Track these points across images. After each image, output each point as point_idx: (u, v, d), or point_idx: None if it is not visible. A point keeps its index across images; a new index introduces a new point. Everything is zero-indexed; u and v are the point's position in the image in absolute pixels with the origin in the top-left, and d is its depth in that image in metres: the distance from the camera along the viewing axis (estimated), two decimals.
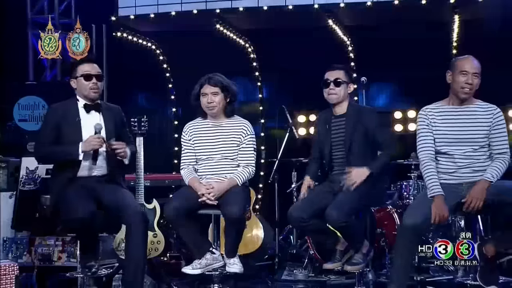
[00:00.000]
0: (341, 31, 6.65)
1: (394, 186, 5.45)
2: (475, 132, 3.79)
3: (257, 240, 5.31)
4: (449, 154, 3.82)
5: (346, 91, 4.16)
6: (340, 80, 4.12)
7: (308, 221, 3.97)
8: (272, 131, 6.88)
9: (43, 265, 4.81)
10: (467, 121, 3.81)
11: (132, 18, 6.45)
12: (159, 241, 4.95)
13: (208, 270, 4.07)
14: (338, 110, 4.19)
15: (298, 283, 4.85)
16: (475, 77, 3.80)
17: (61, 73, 7.14)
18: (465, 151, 3.79)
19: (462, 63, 3.83)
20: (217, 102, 4.15)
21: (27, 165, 5.21)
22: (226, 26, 6.58)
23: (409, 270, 3.83)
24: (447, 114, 3.85)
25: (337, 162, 4.16)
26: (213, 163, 4.19)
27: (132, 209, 3.90)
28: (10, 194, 5.14)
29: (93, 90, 4.07)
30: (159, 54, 7.04)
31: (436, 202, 3.67)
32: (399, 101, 7.01)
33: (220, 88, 4.15)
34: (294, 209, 4.04)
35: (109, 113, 4.15)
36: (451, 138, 3.82)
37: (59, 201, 3.97)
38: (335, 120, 4.19)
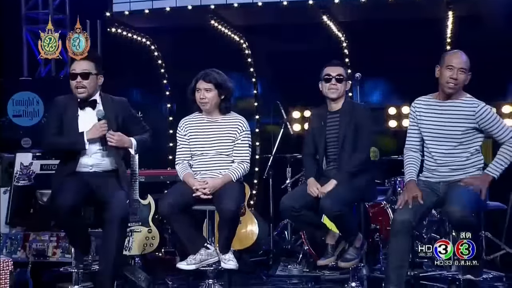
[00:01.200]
0: (335, 27, 6.63)
1: (388, 182, 5.44)
2: (454, 128, 3.77)
3: (252, 235, 5.31)
4: (430, 150, 3.83)
5: (345, 87, 4.18)
6: (342, 77, 4.13)
7: (299, 211, 3.97)
8: (267, 127, 6.86)
9: (37, 260, 4.79)
10: (448, 116, 3.79)
11: (127, 14, 6.41)
12: (153, 237, 4.94)
13: (202, 265, 4.06)
14: (334, 106, 4.18)
15: (293, 278, 4.85)
16: (461, 72, 3.77)
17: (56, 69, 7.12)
18: (444, 147, 3.79)
19: (449, 57, 3.82)
20: (209, 99, 4.14)
21: (21, 161, 5.18)
22: (221, 22, 6.55)
23: (406, 268, 3.80)
24: (432, 108, 3.86)
25: (331, 157, 4.16)
26: (208, 159, 4.17)
27: (113, 209, 3.84)
28: (4, 190, 5.12)
29: (77, 89, 4.03)
30: (153, 50, 7.00)
31: (407, 186, 3.79)
32: (393, 97, 7.01)
33: (214, 85, 4.13)
34: (287, 198, 4.05)
35: (111, 107, 4.10)
36: (432, 133, 3.83)
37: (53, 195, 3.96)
38: (330, 116, 4.18)
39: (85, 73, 4.03)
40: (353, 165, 4.02)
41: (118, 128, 4.07)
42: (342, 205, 3.90)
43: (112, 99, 4.17)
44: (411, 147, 3.94)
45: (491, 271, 4.64)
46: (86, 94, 4.05)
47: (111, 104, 4.13)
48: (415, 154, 3.91)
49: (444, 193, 3.77)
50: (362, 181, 4.06)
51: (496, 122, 3.76)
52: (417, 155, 3.92)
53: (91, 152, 4.03)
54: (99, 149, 4.04)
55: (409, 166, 3.88)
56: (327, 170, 4.16)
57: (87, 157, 4.03)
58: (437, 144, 3.81)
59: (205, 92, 4.14)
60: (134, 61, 6.85)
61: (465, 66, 3.79)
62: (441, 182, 3.81)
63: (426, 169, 3.89)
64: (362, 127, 4.08)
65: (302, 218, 4.04)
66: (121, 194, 3.95)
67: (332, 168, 4.13)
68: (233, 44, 6.89)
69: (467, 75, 3.80)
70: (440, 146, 3.80)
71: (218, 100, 4.17)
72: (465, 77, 3.80)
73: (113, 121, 4.05)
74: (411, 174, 3.84)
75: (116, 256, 3.87)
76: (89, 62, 4.06)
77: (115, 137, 3.98)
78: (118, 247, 3.89)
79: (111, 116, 4.05)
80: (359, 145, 4.06)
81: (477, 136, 3.80)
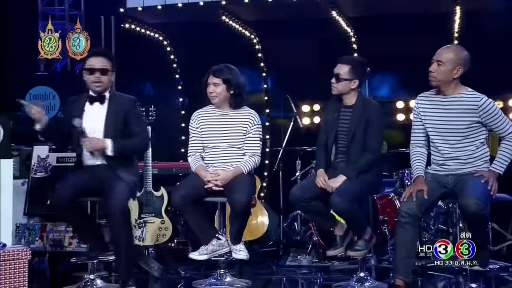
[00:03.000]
0: (344, 22, 6.60)
1: (396, 174, 5.43)
2: (458, 122, 3.72)
3: (262, 227, 5.31)
4: (437, 145, 3.80)
5: (348, 86, 4.06)
6: (341, 77, 4.05)
7: (308, 202, 3.97)
8: (277, 120, 6.86)
9: (54, 250, 4.82)
10: (451, 111, 3.75)
11: (140, 10, 6.42)
12: (166, 228, 4.95)
13: (214, 256, 4.08)
14: (347, 101, 4.13)
15: (302, 268, 4.85)
16: (439, 64, 3.70)
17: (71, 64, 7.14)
18: (450, 142, 3.75)
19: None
20: (218, 93, 4.15)
21: (38, 153, 5.21)
22: (232, 17, 6.54)
23: (413, 258, 3.78)
24: (435, 104, 3.81)
25: (340, 150, 4.13)
26: (220, 151, 4.18)
27: (112, 203, 3.84)
28: (22, 182, 5.15)
29: (95, 83, 4.06)
30: (166, 45, 7.01)
31: (415, 181, 3.75)
32: (401, 91, 6.96)
33: (222, 80, 4.14)
34: (297, 189, 4.06)
35: (116, 104, 4.10)
36: (437, 128, 3.80)
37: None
38: (344, 110, 4.13)
39: (104, 69, 4.07)
40: (363, 165, 3.99)
41: (122, 124, 4.06)
42: (352, 202, 3.90)
43: (121, 96, 4.18)
44: (416, 142, 3.90)
45: (498, 262, 4.63)
46: (102, 89, 4.08)
47: (119, 100, 4.13)
48: (421, 150, 3.88)
49: (454, 186, 3.75)
50: (370, 176, 4.03)
51: (498, 116, 3.71)
52: (423, 150, 3.89)
53: None
54: None
55: (416, 162, 3.85)
56: (336, 161, 4.14)
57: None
58: (443, 138, 3.78)
59: (214, 86, 4.16)
60: (147, 56, 6.86)
61: (443, 59, 3.70)
62: (450, 175, 3.78)
63: (433, 163, 3.86)
64: (374, 127, 4.03)
65: (311, 208, 4.04)
66: (121, 185, 3.91)
67: (340, 161, 4.11)
68: (243, 39, 6.88)
69: (448, 68, 3.69)
70: (446, 141, 3.77)
71: (227, 95, 4.17)
72: (446, 70, 3.70)
73: (113, 120, 4.05)
74: (419, 170, 3.81)
75: (126, 245, 3.89)
76: (106, 59, 4.10)
77: (87, 142, 3.97)
78: (126, 236, 3.90)
79: (112, 115, 4.06)
80: (370, 145, 4.02)
81: (482, 129, 3.76)
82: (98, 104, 4.10)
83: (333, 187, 3.92)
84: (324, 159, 4.14)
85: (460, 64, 3.71)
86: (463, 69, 3.72)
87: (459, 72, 3.72)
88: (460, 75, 3.74)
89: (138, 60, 6.77)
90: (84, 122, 4.02)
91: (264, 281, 4.55)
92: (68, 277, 4.45)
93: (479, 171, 3.71)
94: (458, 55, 3.73)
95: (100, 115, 4.07)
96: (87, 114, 4.08)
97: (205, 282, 4.22)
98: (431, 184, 3.74)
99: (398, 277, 3.68)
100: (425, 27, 6.29)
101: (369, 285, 4.10)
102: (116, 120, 4.06)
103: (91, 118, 4.06)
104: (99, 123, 4.06)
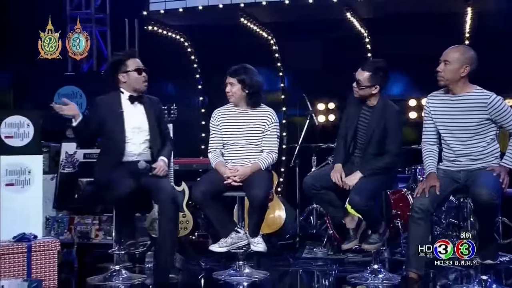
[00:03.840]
0: (358, 23, 6.58)
1: (408, 170, 5.40)
2: (468, 120, 3.71)
3: (280, 220, 5.32)
4: (448, 143, 3.79)
5: (369, 91, 4.03)
6: (362, 83, 4.02)
7: (319, 189, 3.99)
8: (294, 118, 6.86)
9: (82, 242, 4.88)
10: (461, 109, 3.73)
11: (162, 12, 6.46)
12: (187, 221, 4.99)
13: (233, 248, 4.11)
14: (369, 102, 4.10)
15: (318, 260, 4.86)
16: (446, 64, 3.70)
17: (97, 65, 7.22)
18: (461, 139, 3.74)
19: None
20: (234, 92, 4.19)
21: (66, 150, 5.28)
22: (250, 19, 6.55)
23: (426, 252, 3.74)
24: (445, 103, 3.80)
25: (358, 146, 4.13)
26: (239, 148, 4.20)
27: (164, 191, 3.96)
28: (51, 177, 5.22)
29: (144, 83, 4.15)
30: (187, 46, 7.04)
31: (427, 177, 3.74)
32: (413, 89, 6.92)
33: (237, 80, 4.17)
34: (309, 177, 4.09)
35: (150, 106, 4.22)
36: (448, 126, 3.78)
37: (102, 183, 4.07)
38: (365, 109, 4.11)
39: (146, 69, 4.18)
40: (380, 167, 3.99)
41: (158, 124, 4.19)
42: (369, 199, 3.92)
43: (149, 98, 4.28)
44: (428, 140, 3.89)
45: (507, 254, 4.62)
46: (146, 88, 4.19)
47: (149, 100, 4.25)
48: (432, 147, 3.87)
49: (465, 181, 3.74)
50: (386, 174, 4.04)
51: (508, 113, 3.69)
52: (434, 147, 3.87)
53: (138, 142, 4.11)
54: (146, 139, 4.12)
55: (428, 159, 3.84)
56: (353, 155, 4.14)
57: (134, 145, 4.10)
58: (454, 136, 3.77)
59: (230, 86, 4.20)
60: (168, 57, 6.90)
61: (450, 58, 3.70)
62: (462, 171, 3.77)
63: (445, 159, 3.85)
64: (392, 130, 4.01)
65: (320, 196, 4.06)
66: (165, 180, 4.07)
67: (357, 156, 4.12)
68: (261, 40, 6.88)
69: (454, 67, 3.68)
70: (457, 138, 3.76)
71: (242, 94, 4.20)
72: (453, 69, 3.69)
73: (153, 120, 4.17)
74: (431, 167, 3.80)
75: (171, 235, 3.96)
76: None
77: (159, 173, 4.07)
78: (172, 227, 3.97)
79: (151, 114, 4.18)
80: (389, 148, 4.01)
81: (492, 126, 3.74)
82: (137, 104, 4.16)
83: (350, 185, 3.93)
84: (343, 151, 4.12)
85: (467, 63, 3.70)
86: (470, 68, 3.71)
87: (466, 71, 3.71)
88: (468, 74, 3.72)
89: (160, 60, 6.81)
90: (126, 122, 4.09)
91: (281, 273, 4.57)
92: (94, 267, 4.52)
93: (490, 166, 3.69)
94: (464, 54, 3.72)
95: (140, 114, 4.15)
96: (127, 113, 4.13)
97: (224, 273, 4.26)
98: (443, 180, 3.73)
99: (411, 270, 3.69)
100: (437, 27, 6.24)
101: (382, 276, 4.11)
102: (155, 121, 4.17)
103: (134, 118, 4.13)
104: (142, 122, 4.14)
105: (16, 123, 4.07)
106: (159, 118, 4.25)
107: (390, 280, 4.07)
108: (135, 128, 4.12)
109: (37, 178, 4.11)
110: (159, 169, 4.04)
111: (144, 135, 4.14)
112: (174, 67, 7.01)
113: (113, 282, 4.06)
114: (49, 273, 3.96)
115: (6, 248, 3.86)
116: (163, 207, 3.96)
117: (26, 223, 4.02)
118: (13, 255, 3.86)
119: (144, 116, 4.16)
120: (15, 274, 3.83)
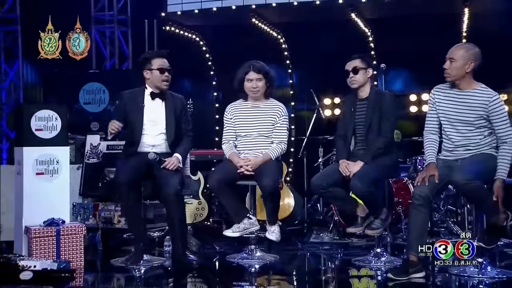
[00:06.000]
0: (362, 23, 6.55)
1: (409, 160, 5.38)
2: (469, 114, 3.68)
3: (289, 207, 5.32)
4: (448, 134, 3.76)
5: (366, 76, 4.06)
6: (357, 68, 4.03)
7: (326, 189, 3.96)
8: (301, 112, 6.84)
9: (105, 226, 4.91)
10: (464, 104, 3.70)
11: (179, 14, 6.47)
12: (203, 208, 5.01)
13: (245, 233, 4.11)
14: (361, 94, 4.12)
15: (324, 245, 4.85)
16: (452, 61, 3.68)
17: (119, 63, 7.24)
18: (461, 131, 3.71)
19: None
20: (260, 87, 4.16)
21: (91, 142, 5.29)
22: (261, 19, 6.55)
23: (426, 237, 3.77)
24: (450, 96, 3.77)
25: (359, 139, 4.12)
26: (251, 140, 4.20)
27: (167, 187, 3.89)
28: (77, 166, 5.24)
29: (165, 82, 4.11)
30: (202, 45, 7.04)
31: (427, 167, 3.73)
32: (414, 85, 6.89)
33: (263, 75, 4.14)
34: (316, 178, 4.04)
35: (171, 102, 4.17)
36: (450, 119, 3.75)
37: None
38: (359, 103, 4.12)
39: (170, 69, 4.14)
40: (377, 147, 3.98)
41: (176, 119, 4.13)
42: (370, 185, 3.88)
43: (172, 94, 4.24)
44: (430, 129, 3.87)
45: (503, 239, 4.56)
46: (168, 87, 4.15)
47: (171, 98, 4.20)
48: (433, 136, 3.85)
49: None
50: (386, 160, 4.01)
51: (503, 117, 3.65)
52: (435, 137, 3.86)
53: (154, 134, 4.11)
54: (162, 132, 4.11)
55: (428, 148, 3.82)
56: (355, 150, 4.12)
57: (150, 137, 4.10)
58: (454, 128, 3.74)
59: (257, 81, 4.15)
60: (185, 55, 6.89)
61: (455, 55, 3.67)
62: (459, 159, 3.75)
63: (444, 149, 3.83)
64: (387, 113, 4.01)
65: (328, 194, 4.03)
66: (173, 175, 3.96)
67: (360, 149, 4.09)
68: (271, 39, 6.88)
69: (460, 64, 3.66)
70: (457, 130, 3.74)
71: (266, 88, 4.18)
72: (458, 65, 3.67)
73: (172, 117, 4.12)
74: (431, 157, 3.77)
75: (179, 224, 3.93)
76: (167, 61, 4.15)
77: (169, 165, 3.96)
78: (178, 218, 3.94)
79: (171, 112, 4.12)
80: (383, 129, 4.01)
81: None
82: (158, 100, 4.14)
83: (351, 171, 3.91)
84: (344, 149, 4.10)
85: (471, 59, 3.68)
86: (474, 64, 3.68)
87: (470, 67, 3.69)
88: (472, 69, 3.70)
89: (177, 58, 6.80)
90: (145, 115, 4.08)
91: (290, 256, 4.57)
92: (117, 250, 4.55)
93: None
94: (468, 51, 3.70)
95: (160, 110, 4.13)
96: (148, 107, 4.12)
97: (237, 256, 4.27)
98: (441, 170, 3.71)
99: (412, 253, 3.68)
100: (435, 27, 6.20)
101: (385, 259, 4.10)
102: (174, 116, 4.12)
103: (152, 112, 4.11)
104: (160, 117, 4.12)
105: (45, 117, 4.10)
106: (179, 115, 4.18)
107: (392, 263, 4.06)
108: (151, 121, 4.10)
109: (64, 168, 4.14)
110: (168, 162, 3.97)
111: (160, 128, 4.12)
112: (190, 64, 7.01)
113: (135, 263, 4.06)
114: (76, 254, 4.01)
115: (37, 232, 3.92)
116: (165, 202, 3.95)
117: (55, 209, 4.06)
118: (43, 238, 3.91)
119: (162, 110, 4.13)
120: (46, 256, 3.88)
